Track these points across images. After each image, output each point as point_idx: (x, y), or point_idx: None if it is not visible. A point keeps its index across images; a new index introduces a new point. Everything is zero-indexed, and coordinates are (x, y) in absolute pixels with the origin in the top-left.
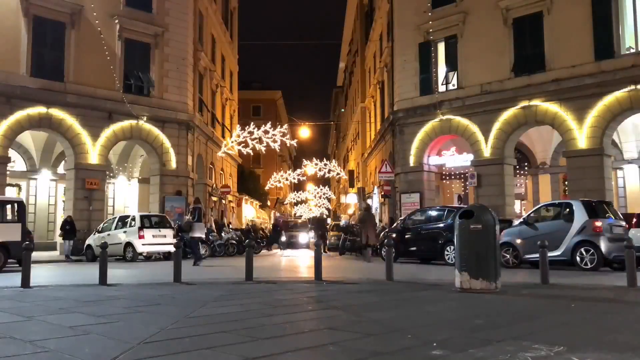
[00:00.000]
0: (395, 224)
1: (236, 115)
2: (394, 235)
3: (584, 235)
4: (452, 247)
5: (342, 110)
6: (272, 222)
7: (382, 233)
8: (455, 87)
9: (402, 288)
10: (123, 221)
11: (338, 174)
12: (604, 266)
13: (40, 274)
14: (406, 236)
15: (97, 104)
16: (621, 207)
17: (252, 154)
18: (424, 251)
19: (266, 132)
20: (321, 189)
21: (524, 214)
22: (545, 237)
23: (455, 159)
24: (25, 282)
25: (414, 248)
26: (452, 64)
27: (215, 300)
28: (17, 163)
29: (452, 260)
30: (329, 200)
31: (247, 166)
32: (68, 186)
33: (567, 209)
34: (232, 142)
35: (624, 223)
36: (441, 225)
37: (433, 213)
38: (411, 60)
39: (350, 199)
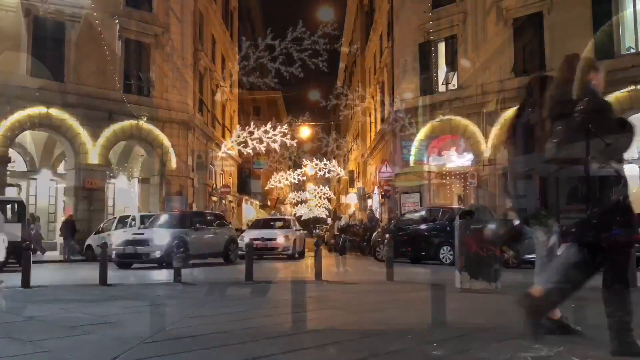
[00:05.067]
0: (389, 224)
1: (236, 115)
2: (387, 235)
3: None
4: (447, 248)
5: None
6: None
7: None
8: (455, 87)
9: (402, 288)
10: (123, 221)
11: (338, 174)
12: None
13: (40, 274)
14: (399, 236)
15: (97, 104)
16: None
17: (252, 154)
18: (418, 251)
19: (266, 132)
20: (321, 189)
21: None
22: None
23: (455, 159)
24: (25, 282)
25: (407, 248)
26: (452, 64)
27: (215, 300)
28: (17, 163)
29: (447, 260)
30: (329, 200)
31: (247, 166)
32: (68, 186)
33: None
34: (232, 142)
35: None
36: (436, 225)
37: (426, 213)
38: (411, 60)
39: (350, 199)
